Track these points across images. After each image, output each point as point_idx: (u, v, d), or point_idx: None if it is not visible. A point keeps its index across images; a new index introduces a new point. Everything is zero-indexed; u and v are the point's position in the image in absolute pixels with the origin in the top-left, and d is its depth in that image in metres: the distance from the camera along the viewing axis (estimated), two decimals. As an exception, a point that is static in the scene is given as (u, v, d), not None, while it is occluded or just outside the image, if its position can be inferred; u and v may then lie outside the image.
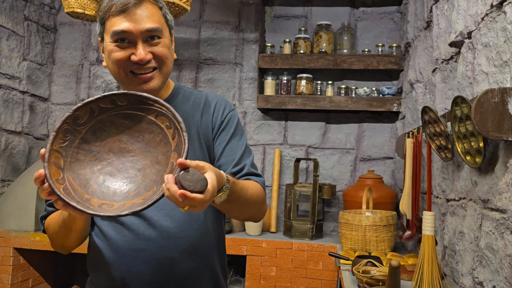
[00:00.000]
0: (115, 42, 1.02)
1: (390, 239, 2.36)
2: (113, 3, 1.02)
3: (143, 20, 1.01)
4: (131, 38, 1.02)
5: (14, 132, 3.12)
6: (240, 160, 1.13)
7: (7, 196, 2.90)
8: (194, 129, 1.14)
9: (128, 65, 1.04)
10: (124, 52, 1.03)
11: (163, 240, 1.06)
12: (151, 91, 1.05)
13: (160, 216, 1.07)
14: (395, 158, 3.03)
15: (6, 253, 2.72)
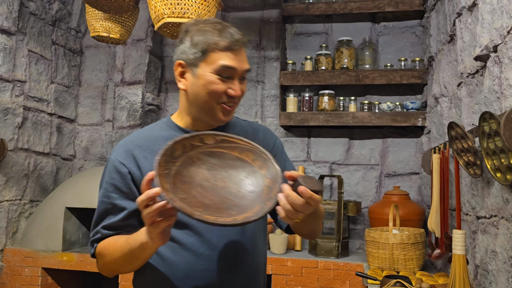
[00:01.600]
0: (217, 74, 1.09)
1: (419, 258, 2.30)
2: (219, 39, 1.09)
3: (244, 61, 1.13)
4: (232, 74, 1.11)
5: (42, 153, 3.19)
6: None
7: (36, 216, 2.96)
8: None
9: (222, 97, 1.11)
10: (223, 85, 1.10)
11: (221, 260, 1.10)
12: (225, 121, 1.18)
13: (218, 237, 1.11)
14: (421, 174, 2.97)
15: (34, 273, 2.77)
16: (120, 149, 1.16)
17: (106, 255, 1.09)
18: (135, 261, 1.04)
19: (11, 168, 2.89)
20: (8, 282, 2.79)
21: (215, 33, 1.10)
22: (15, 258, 2.81)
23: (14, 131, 2.91)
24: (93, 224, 1.15)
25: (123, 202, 1.12)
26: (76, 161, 3.57)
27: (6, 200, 2.87)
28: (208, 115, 1.14)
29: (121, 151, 1.16)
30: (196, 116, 1.17)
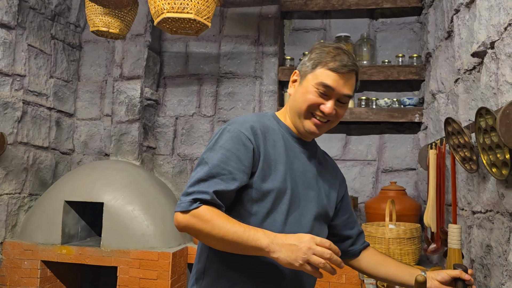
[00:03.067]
0: (316, 88, 1.19)
1: (415, 252, 2.32)
2: (330, 60, 1.19)
3: (346, 86, 1.20)
4: (329, 94, 1.19)
5: (42, 147, 3.20)
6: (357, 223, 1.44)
7: (35, 210, 2.97)
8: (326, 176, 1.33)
9: (314, 108, 1.21)
10: (318, 99, 1.19)
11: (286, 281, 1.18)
12: (314, 136, 1.26)
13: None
14: (418, 169, 3.00)
15: (34, 266, 2.78)
16: (245, 125, 1.18)
17: (208, 223, 1.06)
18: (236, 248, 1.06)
19: (10, 162, 2.90)
20: (7, 275, 2.81)
21: (330, 54, 1.21)
22: (14, 251, 2.82)
23: (13, 125, 2.92)
24: (196, 181, 1.11)
25: (239, 174, 1.11)
26: (75, 155, 3.58)
27: (6, 194, 2.88)
28: (300, 121, 1.24)
29: (247, 127, 1.17)
30: (292, 120, 1.27)
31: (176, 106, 3.47)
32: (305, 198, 1.23)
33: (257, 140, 1.17)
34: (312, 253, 0.98)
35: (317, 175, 1.29)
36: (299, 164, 1.25)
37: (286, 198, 1.18)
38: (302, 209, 1.21)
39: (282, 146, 1.23)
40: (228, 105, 3.34)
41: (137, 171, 3.06)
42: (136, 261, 2.65)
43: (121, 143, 3.26)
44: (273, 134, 1.23)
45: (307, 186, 1.24)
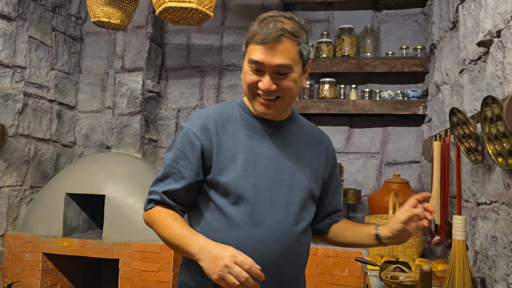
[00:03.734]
0: (250, 67, 1.13)
1: (418, 245, 2.31)
2: (258, 32, 1.11)
3: (276, 56, 1.09)
4: (262, 69, 1.11)
5: (43, 139, 3.19)
6: (339, 202, 1.37)
7: (36, 202, 2.96)
8: (309, 156, 1.25)
9: (255, 88, 1.14)
10: (254, 77, 1.13)
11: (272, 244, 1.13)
12: (271, 116, 1.18)
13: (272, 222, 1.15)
14: (422, 162, 2.97)
15: (35, 258, 2.78)
16: (196, 122, 1.20)
17: (155, 223, 1.17)
18: (176, 250, 1.15)
19: (11, 154, 2.89)
20: (9, 267, 2.80)
21: (256, 27, 1.13)
22: (16, 243, 2.82)
23: (14, 117, 2.90)
24: (155, 181, 1.21)
25: (187, 172, 1.16)
26: (76, 148, 3.56)
27: (7, 186, 2.87)
28: (252, 104, 1.19)
29: (197, 124, 1.19)
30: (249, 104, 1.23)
31: (178, 98, 3.45)
32: (277, 183, 1.17)
33: (208, 135, 1.17)
34: (228, 271, 0.98)
35: (296, 154, 1.22)
36: (268, 148, 1.19)
37: (249, 187, 1.14)
38: (273, 195, 1.16)
39: (244, 133, 1.19)
40: (230, 97, 3.32)
41: (139, 163, 3.05)
42: (138, 254, 2.64)
43: (123, 136, 3.25)
44: (233, 123, 1.20)
45: (280, 170, 1.18)
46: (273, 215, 1.14)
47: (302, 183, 1.20)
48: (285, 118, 1.24)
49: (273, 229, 1.13)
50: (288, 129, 1.24)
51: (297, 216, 1.18)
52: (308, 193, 1.22)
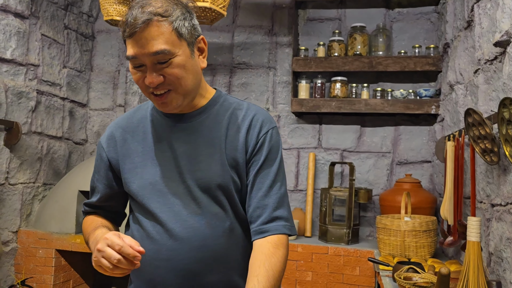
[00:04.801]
0: (131, 65, 1.02)
1: (430, 245, 2.30)
2: (126, 26, 0.99)
3: (149, 44, 0.97)
4: (141, 63, 1.00)
5: (55, 137, 3.22)
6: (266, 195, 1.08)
7: (49, 199, 2.99)
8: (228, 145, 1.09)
9: (145, 86, 1.02)
10: (139, 74, 1.02)
11: (185, 252, 1.04)
12: (172, 109, 1.06)
13: (183, 228, 1.05)
14: (433, 162, 2.96)
15: (48, 255, 2.81)
16: (105, 133, 1.20)
17: (83, 231, 1.18)
18: None
19: (25, 152, 2.91)
20: (22, 263, 2.83)
21: (125, 17, 1.00)
22: (29, 239, 2.85)
23: (27, 115, 2.93)
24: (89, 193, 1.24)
25: (99, 185, 1.19)
26: (88, 146, 3.59)
27: (20, 183, 2.90)
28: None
29: (105, 135, 1.19)
30: None
31: (189, 96, 3.45)
32: (188, 184, 1.07)
33: (114, 145, 1.15)
34: (101, 255, 0.91)
35: (209, 147, 1.08)
36: (177, 147, 1.09)
37: (156, 195, 1.07)
38: (183, 200, 1.06)
39: (153, 136, 1.11)
40: (242, 96, 3.32)
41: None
42: (149, 251, 2.65)
43: (134, 134, 3.26)
44: (144, 126, 1.13)
45: (189, 169, 1.07)
46: (183, 221, 1.05)
47: (216, 180, 1.06)
48: (197, 108, 1.12)
49: (184, 236, 1.04)
50: (200, 121, 1.11)
51: (213, 218, 1.06)
52: (226, 191, 1.08)
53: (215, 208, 1.07)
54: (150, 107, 1.17)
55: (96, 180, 1.19)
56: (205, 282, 1.06)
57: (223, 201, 1.08)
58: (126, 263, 0.89)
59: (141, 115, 1.16)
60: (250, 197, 1.09)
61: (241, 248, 1.10)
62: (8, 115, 2.76)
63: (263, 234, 1.05)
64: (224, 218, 1.08)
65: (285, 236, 1.07)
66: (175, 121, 1.11)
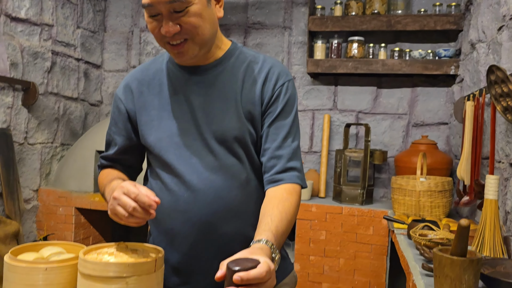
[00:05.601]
0: (147, 14, 1.00)
1: (445, 205, 2.31)
2: None
3: None
4: (157, 12, 0.98)
5: (71, 98, 3.24)
6: (280, 147, 1.07)
7: (67, 159, 3.05)
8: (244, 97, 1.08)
9: (161, 36, 1.01)
10: (155, 24, 1.00)
11: (201, 204, 1.06)
12: (188, 61, 1.05)
13: (199, 180, 1.06)
14: (450, 124, 2.92)
15: (68, 212, 2.89)
16: (122, 84, 1.19)
17: (99, 184, 1.18)
18: None
19: (42, 112, 2.95)
20: (44, 220, 2.92)
21: None
22: (49, 198, 2.92)
23: (43, 75, 2.94)
24: (104, 147, 1.24)
25: (117, 137, 1.18)
26: (103, 107, 3.61)
27: (39, 143, 2.95)
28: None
29: (122, 86, 1.18)
30: None
31: (203, 57, 3.42)
32: (204, 137, 1.07)
33: (131, 97, 1.14)
34: (117, 203, 0.90)
35: (225, 100, 1.07)
36: (193, 99, 1.08)
37: (173, 147, 1.08)
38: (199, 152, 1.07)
39: (169, 88, 1.10)
40: (256, 56, 3.27)
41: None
42: (166, 210, 2.71)
43: (149, 95, 3.26)
44: (160, 78, 1.12)
45: (205, 122, 1.07)
46: (199, 174, 1.06)
47: (232, 132, 1.06)
48: (214, 59, 1.11)
49: (200, 188, 1.06)
50: (216, 73, 1.10)
51: (230, 170, 1.07)
52: (242, 143, 1.08)
53: (232, 160, 1.07)
54: (166, 59, 1.15)
55: (113, 133, 1.19)
56: (221, 233, 1.07)
57: (239, 153, 1.08)
58: (141, 211, 0.89)
59: (156, 68, 1.15)
60: (264, 148, 1.09)
61: (257, 200, 1.10)
62: (24, 76, 2.77)
63: (277, 183, 1.06)
64: (240, 170, 1.08)
65: (298, 186, 1.08)
66: (190, 73, 1.10)
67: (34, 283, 0.93)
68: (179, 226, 1.08)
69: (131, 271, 0.88)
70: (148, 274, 0.91)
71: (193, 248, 1.08)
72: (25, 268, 0.94)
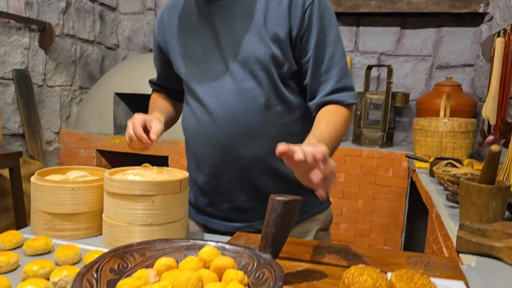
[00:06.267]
0: None
1: (468, 146, 2.27)
2: None
3: None
4: None
5: (88, 41, 3.20)
6: (328, 69, 1.03)
7: (86, 102, 3.06)
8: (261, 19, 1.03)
9: None
10: None
11: (218, 127, 1.06)
12: None
13: (217, 103, 1.06)
14: (476, 65, 2.82)
15: (89, 154, 2.93)
16: (158, 14, 1.22)
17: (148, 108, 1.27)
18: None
19: (59, 54, 2.93)
20: (66, 162, 2.98)
21: None
22: (70, 140, 2.96)
23: (59, 16, 2.90)
24: None
25: (157, 66, 1.26)
26: (119, 51, 3.57)
27: (58, 85, 2.95)
28: None
29: (157, 17, 1.21)
30: None
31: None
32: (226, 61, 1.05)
33: (162, 27, 1.17)
34: (126, 131, 1.01)
35: (248, 23, 1.04)
36: (219, 21, 1.06)
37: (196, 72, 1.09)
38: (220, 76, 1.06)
39: (196, 13, 1.09)
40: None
41: (183, 64, 3.04)
42: (185, 152, 2.73)
43: (166, 37, 3.21)
44: (189, 5, 1.11)
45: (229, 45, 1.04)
46: (218, 97, 1.06)
47: (253, 54, 1.03)
48: None
49: (218, 111, 1.05)
50: None
51: (248, 94, 1.04)
52: (263, 64, 1.03)
53: (251, 84, 1.05)
54: None
55: (154, 62, 1.26)
56: (239, 156, 1.07)
57: (260, 77, 1.04)
58: (136, 141, 0.98)
59: None
60: (312, 73, 1.05)
61: (279, 126, 1.07)
62: (40, 16, 2.74)
63: (326, 104, 1.04)
64: (259, 94, 1.05)
65: (349, 105, 1.06)
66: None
67: (61, 202, 0.95)
68: (201, 149, 1.11)
69: (157, 189, 0.88)
70: (173, 194, 0.91)
71: (214, 170, 1.10)
72: (53, 187, 0.95)
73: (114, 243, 0.90)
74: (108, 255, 0.69)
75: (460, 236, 1.00)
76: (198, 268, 0.69)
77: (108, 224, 0.91)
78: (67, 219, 0.96)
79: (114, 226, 0.90)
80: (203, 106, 1.08)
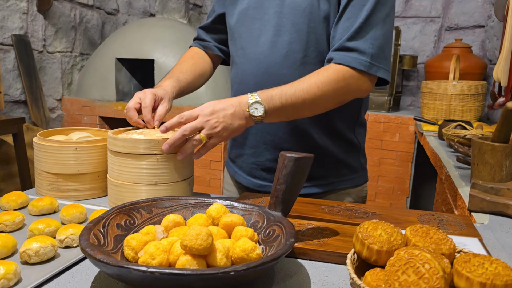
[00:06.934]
0: None
1: (477, 109, 2.23)
2: None
3: None
4: None
5: (87, 5, 3.12)
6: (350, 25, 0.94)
7: (88, 68, 3.01)
8: None
9: None
10: None
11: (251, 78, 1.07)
12: None
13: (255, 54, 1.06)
14: (487, 26, 2.74)
15: (93, 121, 2.91)
16: None
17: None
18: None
19: (58, 19, 2.86)
20: (69, 129, 2.96)
21: None
22: (73, 107, 2.93)
23: (57, -21, 2.81)
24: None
25: (217, 5, 1.21)
26: (120, 16, 3.49)
27: (58, 52, 2.90)
28: None
29: None
30: None
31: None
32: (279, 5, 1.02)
33: None
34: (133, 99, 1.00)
35: None
36: None
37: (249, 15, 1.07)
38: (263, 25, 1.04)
39: None
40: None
41: (185, 28, 2.97)
42: (189, 118, 2.69)
43: (167, 1, 3.12)
44: None
45: None
46: (258, 47, 1.04)
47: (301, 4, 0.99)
48: None
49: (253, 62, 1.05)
50: None
51: (284, 47, 1.01)
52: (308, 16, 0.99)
53: (292, 37, 1.01)
54: None
55: (215, 2, 1.22)
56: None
57: (303, 30, 0.99)
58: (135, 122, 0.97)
59: None
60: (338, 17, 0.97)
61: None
62: (37, -21, 2.65)
63: (326, 63, 0.97)
64: (297, 49, 1.01)
65: (349, 69, 0.93)
66: None
67: (65, 162, 0.93)
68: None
69: (161, 148, 0.86)
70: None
71: None
72: (56, 147, 0.93)
73: (120, 203, 0.88)
74: (114, 211, 0.67)
75: (472, 194, 0.97)
76: (207, 225, 0.68)
77: (113, 184, 0.89)
78: (71, 180, 0.94)
79: (119, 185, 0.88)
80: (244, 55, 1.09)
